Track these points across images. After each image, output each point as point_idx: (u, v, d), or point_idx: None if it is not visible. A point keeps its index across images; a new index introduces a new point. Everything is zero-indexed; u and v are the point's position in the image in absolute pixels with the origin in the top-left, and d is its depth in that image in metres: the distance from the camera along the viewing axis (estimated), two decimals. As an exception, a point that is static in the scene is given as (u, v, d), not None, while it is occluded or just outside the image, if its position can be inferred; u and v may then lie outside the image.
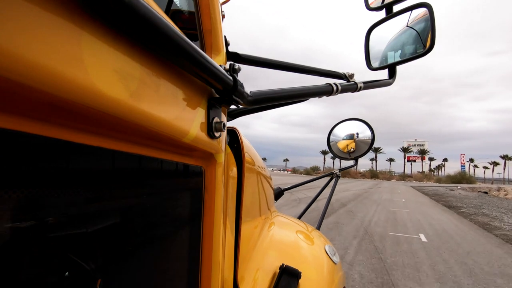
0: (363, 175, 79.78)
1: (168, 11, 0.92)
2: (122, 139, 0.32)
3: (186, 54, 0.31)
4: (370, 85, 1.02)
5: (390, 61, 1.13)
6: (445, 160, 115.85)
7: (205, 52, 0.46)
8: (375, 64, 1.18)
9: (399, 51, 1.13)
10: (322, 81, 0.89)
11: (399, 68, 1.14)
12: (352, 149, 1.53)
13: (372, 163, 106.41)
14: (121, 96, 0.26)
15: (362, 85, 0.97)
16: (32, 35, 0.18)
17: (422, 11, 1.05)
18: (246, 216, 0.72)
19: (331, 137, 1.58)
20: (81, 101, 0.22)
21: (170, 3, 0.93)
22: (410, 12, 1.07)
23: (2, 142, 0.20)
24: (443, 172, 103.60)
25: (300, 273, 0.71)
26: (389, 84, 1.10)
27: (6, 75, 0.17)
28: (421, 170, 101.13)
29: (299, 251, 0.94)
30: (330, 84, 0.83)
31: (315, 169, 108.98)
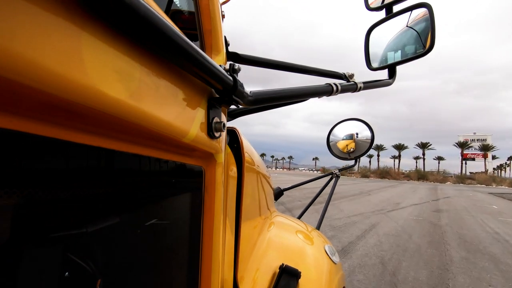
0: (407, 176, 61.25)
1: (168, 11, 0.92)
2: (122, 139, 0.32)
3: (186, 54, 0.31)
4: (370, 85, 1.02)
5: (390, 61, 1.13)
6: (510, 158, 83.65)
7: (205, 52, 0.46)
8: (375, 64, 1.18)
9: (399, 51, 1.13)
10: (322, 81, 0.89)
11: (398, 68, 1.14)
12: (351, 149, 1.53)
13: (416, 162, 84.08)
14: (121, 96, 0.26)
15: (362, 85, 0.97)
16: (32, 35, 0.18)
17: (422, 11, 1.05)
18: (246, 216, 0.72)
19: (331, 137, 1.58)
20: (81, 101, 0.22)
21: (170, 3, 0.93)
22: (410, 12, 1.07)
23: (2, 142, 0.20)
24: (507, 174, 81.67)
25: (300, 273, 0.71)
26: (389, 84, 1.10)
27: (6, 75, 0.17)
28: (478, 170, 74.12)
29: (299, 251, 0.94)
30: (330, 84, 0.83)
31: (348, 168, 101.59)
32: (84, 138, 0.26)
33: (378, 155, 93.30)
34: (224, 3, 1.18)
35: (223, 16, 0.73)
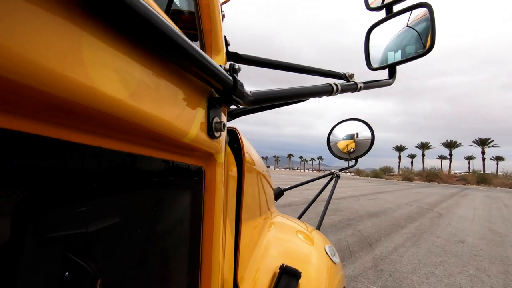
0: (462, 179, 49.27)
1: (168, 11, 0.92)
2: (122, 139, 0.32)
3: (186, 54, 0.31)
4: (370, 85, 1.02)
5: (390, 61, 1.13)
6: None
7: (205, 52, 0.46)
8: (375, 64, 1.18)
9: (399, 51, 1.13)
10: (322, 81, 0.89)
11: (399, 68, 1.14)
12: (352, 149, 1.53)
13: (470, 163, 73.96)
14: (121, 96, 0.26)
15: (362, 85, 0.97)
16: (32, 35, 0.18)
17: (422, 11, 1.05)
18: (246, 216, 0.72)
19: (331, 137, 1.58)
20: (81, 101, 0.22)
21: (170, 3, 0.93)
22: (410, 12, 1.07)
23: (2, 142, 0.20)
24: None
25: (300, 273, 0.71)
26: (389, 84, 1.10)
27: (6, 75, 0.17)
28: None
29: (299, 251, 0.94)
30: (330, 84, 0.83)
31: (387, 171, 78.12)
32: (84, 138, 0.26)
33: (423, 155, 78.86)
34: (224, 3, 1.19)
35: (223, 16, 0.73)
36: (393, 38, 1.16)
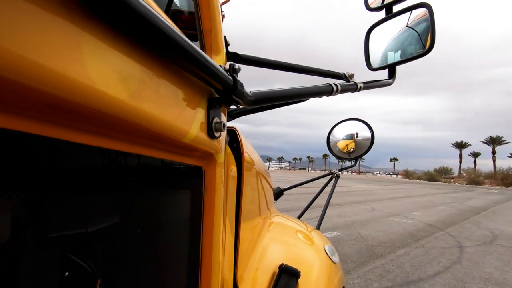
0: (509, 183, 40.32)
1: (168, 11, 0.92)
2: (122, 139, 0.32)
3: (186, 54, 0.31)
4: (370, 85, 1.02)
5: (390, 61, 1.13)
6: None
7: (205, 52, 0.46)
8: (375, 64, 1.18)
9: (399, 51, 1.13)
10: (322, 81, 0.89)
11: (399, 68, 1.14)
12: (351, 149, 1.53)
13: None
14: (121, 96, 0.26)
15: (362, 85, 0.97)
16: (32, 35, 0.18)
17: (422, 11, 1.05)
18: (245, 216, 0.72)
19: (331, 137, 1.58)
20: (81, 101, 0.22)
21: (170, 3, 0.93)
22: (410, 12, 1.07)
23: (2, 142, 0.20)
24: None
25: (300, 272, 0.71)
26: (389, 84, 1.10)
27: (6, 75, 0.17)
28: None
29: (298, 250, 0.94)
30: (330, 84, 0.83)
31: (444, 172, 67.76)
32: (84, 138, 0.26)
33: (494, 152, 60.06)
34: (224, 3, 1.19)
35: (223, 16, 0.73)
36: (393, 38, 1.16)
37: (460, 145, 72.40)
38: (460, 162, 70.94)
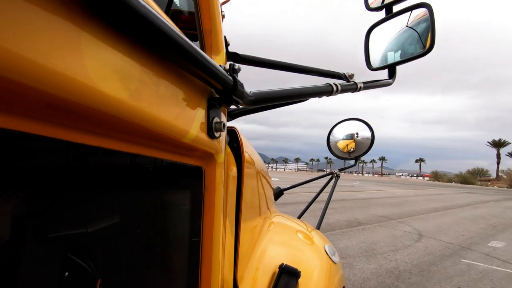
0: None
1: (168, 11, 0.92)
2: (122, 139, 0.32)
3: (186, 54, 0.31)
4: (370, 85, 1.02)
5: (390, 61, 1.13)
6: None
7: (205, 52, 0.46)
8: (375, 64, 1.18)
9: (399, 51, 1.13)
10: (322, 81, 0.89)
11: (399, 68, 1.14)
12: (352, 149, 1.53)
13: None
14: (121, 96, 0.26)
15: (362, 85, 0.97)
16: (32, 35, 0.18)
17: (422, 11, 1.05)
18: (245, 216, 0.72)
19: (331, 137, 1.58)
20: (81, 101, 0.22)
21: (170, 3, 0.93)
22: (410, 12, 1.07)
23: (2, 142, 0.20)
24: None
25: (300, 272, 0.71)
26: (389, 84, 1.10)
27: (6, 75, 0.17)
28: None
29: (298, 250, 0.94)
30: (330, 84, 0.83)
31: (479, 173, 60.79)
32: (84, 138, 0.26)
33: None
34: (224, 3, 1.19)
35: (223, 16, 0.73)
36: (393, 38, 1.16)
37: (498, 144, 63.71)
38: (498, 163, 62.34)
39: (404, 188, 22.20)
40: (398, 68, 1.13)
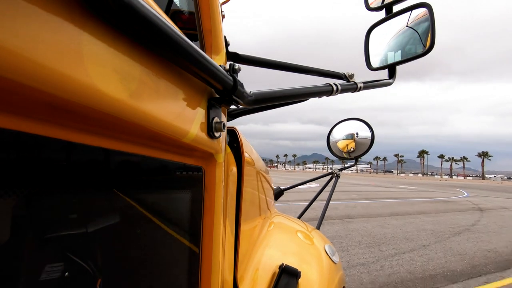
0: None
1: (168, 11, 0.92)
2: (122, 139, 0.32)
3: (186, 54, 0.31)
4: (370, 85, 1.02)
5: (390, 61, 1.13)
6: None
7: (205, 52, 0.46)
8: (375, 64, 1.18)
9: (399, 51, 1.13)
10: (322, 81, 0.89)
11: (399, 68, 1.14)
12: (352, 149, 1.53)
13: None
14: (121, 96, 0.26)
15: (362, 85, 0.97)
16: (32, 35, 0.18)
17: (422, 11, 1.05)
18: (246, 215, 0.72)
19: (331, 137, 1.58)
20: (81, 101, 0.22)
21: (170, 3, 0.93)
22: (410, 12, 1.07)
23: (2, 142, 0.20)
24: None
25: (300, 272, 0.71)
26: (389, 84, 1.10)
27: (6, 75, 0.17)
28: None
29: (298, 250, 0.94)
30: (330, 84, 0.84)
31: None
32: (84, 138, 0.26)
33: None
34: (224, 3, 1.19)
35: (223, 16, 0.73)
36: (393, 38, 1.16)
37: None
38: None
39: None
40: (398, 68, 1.13)
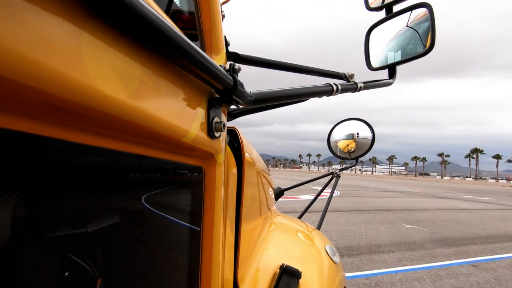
0: None
1: (168, 11, 0.92)
2: (122, 139, 0.32)
3: (186, 54, 0.31)
4: (370, 85, 1.02)
5: (390, 61, 1.13)
6: None
7: (205, 52, 0.46)
8: (375, 64, 1.18)
9: (399, 51, 1.13)
10: (322, 81, 0.89)
11: (399, 68, 1.14)
12: (352, 149, 1.53)
13: None
14: (121, 96, 0.26)
15: (362, 85, 0.97)
16: (32, 35, 0.18)
17: (422, 11, 1.05)
18: (246, 216, 0.72)
19: (331, 137, 1.58)
20: (81, 101, 0.22)
21: (170, 3, 0.93)
22: (410, 12, 1.07)
23: (2, 142, 0.20)
24: None
25: (301, 273, 0.71)
26: (389, 84, 1.10)
27: (6, 75, 0.17)
28: None
29: (299, 251, 0.94)
30: (330, 84, 0.84)
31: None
32: (84, 138, 0.26)
33: None
34: (224, 3, 1.19)
35: (223, 16, 0.73)
36: (393, 38, 1.16)
37: None
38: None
39: None
40: (398, 68, 1.13)
